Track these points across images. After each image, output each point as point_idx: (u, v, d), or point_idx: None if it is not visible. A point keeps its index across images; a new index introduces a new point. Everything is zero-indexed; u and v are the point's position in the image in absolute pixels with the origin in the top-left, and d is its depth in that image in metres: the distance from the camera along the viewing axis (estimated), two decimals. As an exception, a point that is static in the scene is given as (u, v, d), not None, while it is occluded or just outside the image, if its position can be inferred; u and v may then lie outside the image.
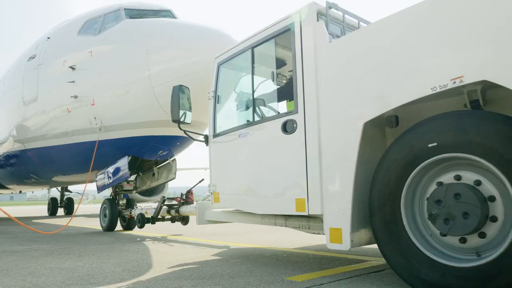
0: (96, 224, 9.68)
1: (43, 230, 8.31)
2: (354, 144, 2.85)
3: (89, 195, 44.96)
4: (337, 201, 2.97)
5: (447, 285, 2.33)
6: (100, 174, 8.32)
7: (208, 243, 5.58)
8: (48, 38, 8.81)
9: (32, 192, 18.85)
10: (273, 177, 3.55)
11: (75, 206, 18.78)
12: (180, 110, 4.21)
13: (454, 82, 2.37)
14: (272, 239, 5.93)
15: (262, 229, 7.59)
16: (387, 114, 2.81)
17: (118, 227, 8.26)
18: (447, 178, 2.49)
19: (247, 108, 3.91)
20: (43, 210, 19.72)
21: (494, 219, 2.27)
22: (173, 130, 6.57)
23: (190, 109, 4.35)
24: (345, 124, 2.95)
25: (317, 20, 3.27)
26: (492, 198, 2.29)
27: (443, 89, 2.41)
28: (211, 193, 4.25)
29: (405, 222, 2.59)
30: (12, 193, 17.25)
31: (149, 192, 16.62)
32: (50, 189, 17.58)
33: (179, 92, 4.17)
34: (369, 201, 2.78)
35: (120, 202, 8.31)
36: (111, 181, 8.07)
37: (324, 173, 3.09)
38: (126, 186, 8.55)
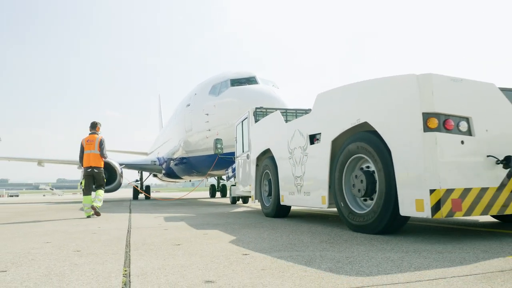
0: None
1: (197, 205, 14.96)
2: (254, 166, 7.82)
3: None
4: (253, 187, 7.95)
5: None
6: (227, 170, 14.50)
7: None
8: (195, 94, 15.57)
9: (202, 180, 26.99)
10: (245, 176, 8.69)
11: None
12: (222, 146, 9.82)
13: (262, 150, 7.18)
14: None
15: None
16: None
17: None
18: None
19: (242, 146, 9.09)
20: (207, 194, 27.71)
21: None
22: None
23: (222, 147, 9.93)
24: (253, 157, 7.92)
25: (253, 115, 8.26)
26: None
27: (262, 150, 7.22)
28: (236, 182, 9.64)
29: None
30: (190, 180, 25.76)
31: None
32: (207, 179, 24.63)
33: (216, 141, 9.79)
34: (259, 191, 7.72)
35: None
36: (231, 175, 14.12)
37: (252, 177, 8.09)
38: None
